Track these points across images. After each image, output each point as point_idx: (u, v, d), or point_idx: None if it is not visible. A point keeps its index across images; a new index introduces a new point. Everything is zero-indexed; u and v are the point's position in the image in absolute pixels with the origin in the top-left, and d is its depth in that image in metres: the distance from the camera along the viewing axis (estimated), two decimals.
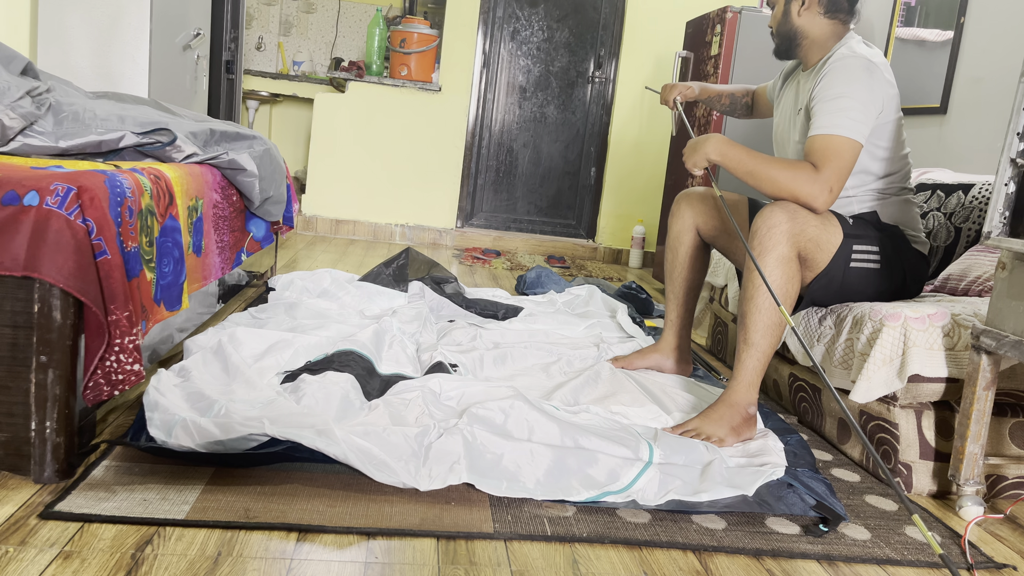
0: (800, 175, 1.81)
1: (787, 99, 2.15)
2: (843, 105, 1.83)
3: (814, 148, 1.84)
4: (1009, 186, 1.49)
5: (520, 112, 5.04)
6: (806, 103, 1.96)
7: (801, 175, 1.81)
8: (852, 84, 1.85)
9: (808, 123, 1.95)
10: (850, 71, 1.86)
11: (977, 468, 1.60)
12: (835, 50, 1.96)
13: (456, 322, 2.65)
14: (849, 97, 1.83)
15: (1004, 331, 1.52)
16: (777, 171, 1.83)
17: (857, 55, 1.90)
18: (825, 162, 1.81)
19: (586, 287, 3.27)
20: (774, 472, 1.62)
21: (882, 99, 1.88)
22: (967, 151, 3.09)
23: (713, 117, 3.60)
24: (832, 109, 1.84)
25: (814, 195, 1.81)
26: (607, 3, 4.95)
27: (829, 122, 1.83)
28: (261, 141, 2.26)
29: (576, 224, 5.20)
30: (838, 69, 1.88)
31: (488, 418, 1.65)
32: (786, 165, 1.84)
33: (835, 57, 1.92)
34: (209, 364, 1.89)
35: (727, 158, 1.89)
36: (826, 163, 1.81)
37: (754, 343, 1.82)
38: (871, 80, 1.86)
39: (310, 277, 2.82)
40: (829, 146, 1.82)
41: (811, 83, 1.96)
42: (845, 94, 1.84)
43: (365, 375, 1.92)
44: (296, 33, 6.23)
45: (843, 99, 1.83)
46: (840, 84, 1.85)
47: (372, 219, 4.84)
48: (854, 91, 1.84)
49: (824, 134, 1.83)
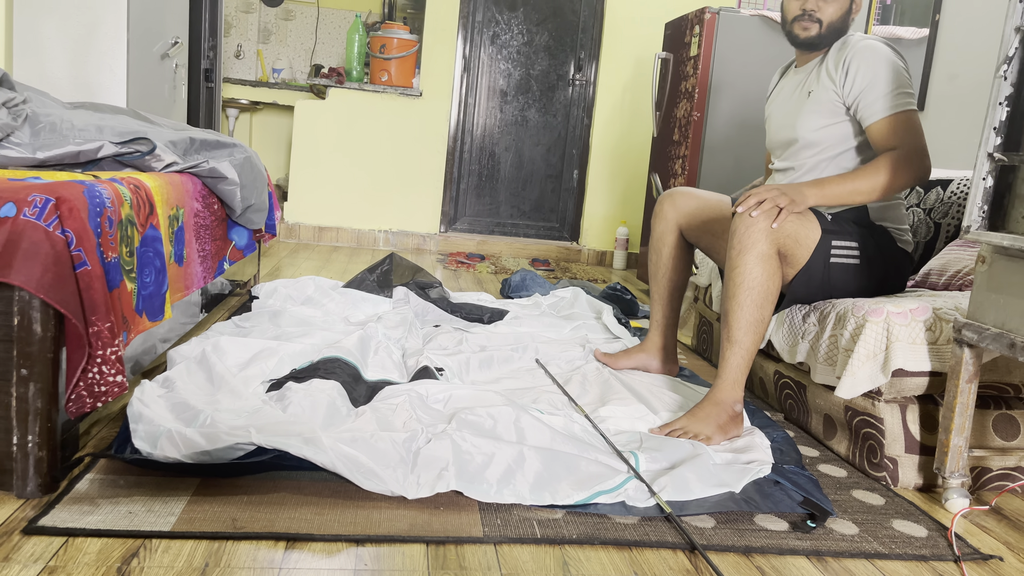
0: (892, 165, 1.87)
1: (785, 92, 2.17)
2: (894, 86, 1.90)
3: (883, 134, 1.91)
4: (987, 180, 1.51)
5: (502, 116, 5.05)
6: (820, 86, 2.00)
7: (893, 164, 1.87)
8: (888, 66, 1.92)
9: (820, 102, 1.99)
10: (881, 53, 1.93)
11: (962, 461, 1.61)
12: (846, 39, 2.01)
13: (441, 327, 2.64)
14: (895, 77, 1.91)
15: (985, 324, 1.53)
16: (873, 176, 1.87)
17: (873, 38, 1.97)
18: (902, 139, 1.88)
19: (571, 289, 3.27)
20: (761, 469, 1.62)
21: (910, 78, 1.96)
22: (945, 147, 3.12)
23: (694, 118, 3.62)
24: (884, 92, 1.90)
25: (901, 173, 1.87)
26: (586, 6, 4.97)
27: (886, 104, 1.90)
28: (242, 149, 2.25)
29: (560, 227, 5.21)
30: (867, 54, 1.93)
31: (477, 423, 1.64)
32: (875, 169, 1.88)
33: (853, 41, 1.97)
34: (193, 374, 1.88)
35: (825, 198, 1.89)
36: (900, 139, 1.88)
37: (737, 340, 1.83)
38: (897, 56, 1.95)
39: (294, 285, 2.81)
40: (899, 123, 1.89)
41: (822, 68, 2.01)
42: (890, 76, 1.91)
43: (351, 382, 1.91)
44: (275, 40, 6.20)
45: (891, 80, 1.91)
46: (878, 67, 1.92)
47: (355, 225, 4.83)
48: (893, 70, 1.92)
49: (888, 116, 1.90)
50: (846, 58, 1.95)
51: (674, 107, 3.89)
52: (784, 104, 2.14)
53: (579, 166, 5.12)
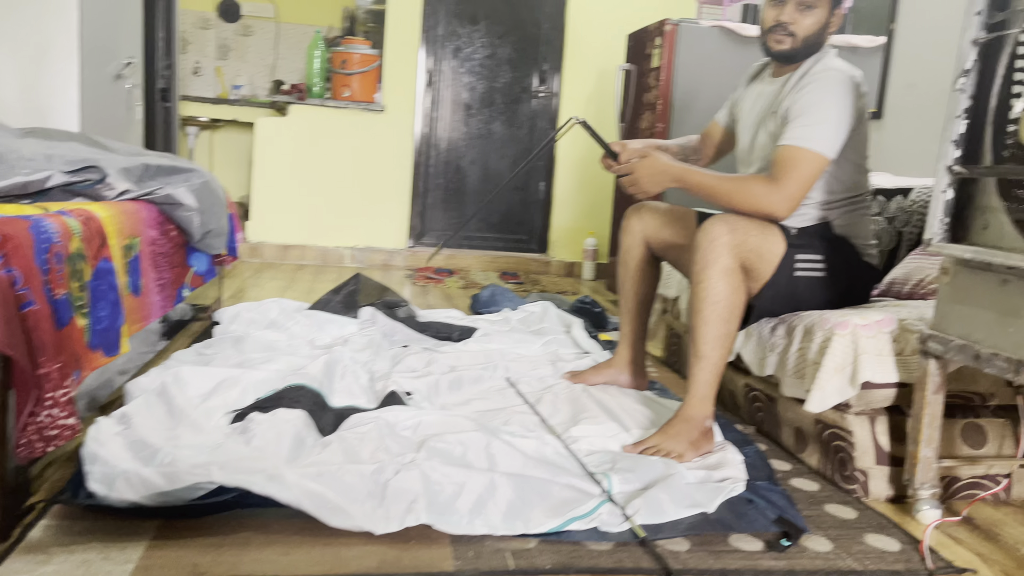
0: (756, 188, 1.83)
1: (748, 103, 2.15)
2: (821, 118, 1.84)
3: (780, 157, 1.85)
4: (947, 193, 1.52)
5: (466, 129, 5.03)
6: (777, 109, 1.96)
7: (757, 188, 1.83)
8: (830, 98, 1.86)
9: (779, 129, 1.94)
10: (831, 85, 1.87)
11: (932, 472, 1.61)
12: (817, 60, 1.97)
13: (410, 347, 2.61)
14: (826, 111, 1.85)
15: (950, 335, 1.54)
16: (733, 186, 1.84)
17: (839, 69, 1.91)
18: (787, 173, 1.83)
19: (540, 303, 3.26)
20: (734, 487, 1.61)
21: (860, 114, 1.91)
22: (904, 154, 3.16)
23: (657, 129, 3.63)
24: (807, 122, 1.85)
25: (774, 206, 1.83)
26: (547, 19, 4.97)
27: (801, 134, 1.84)
28: (199, 174, 2.20)
29: (528, 239, 5.20)
30: (821, 80, 1.88)
31: (446, 451, 1.61)
32: (742, 181, 1.85)
33: (817, 69, 1.92)
34: (152, 408, 1.82)
35: (684, 182, 1.88)
36: (788, 174, 1.83)
37: (705, 355, 1.83)
38: (849, 95, 1.88)
39: (257, 308, 2.75)
40: (795, 157, 1.83)
41: (786, 91, 1.96)
42: (822, 108, 1.85)
43: (317, 410, 1.87)
44: (234, 57, 6.13)
45: (819, 112, 1.85)
46: (820, 95, 1.86)
47: (320, 243, 4.77)
48: (832, 105, 1.85)
49: (793, 145, 1.84)
50: (805, 80, 1.91)
51: (638, 119, 3.90)
52: (752, 114, 2.11)
53: (545, 178, 5.12)
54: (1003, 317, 1.42)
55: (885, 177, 2.63)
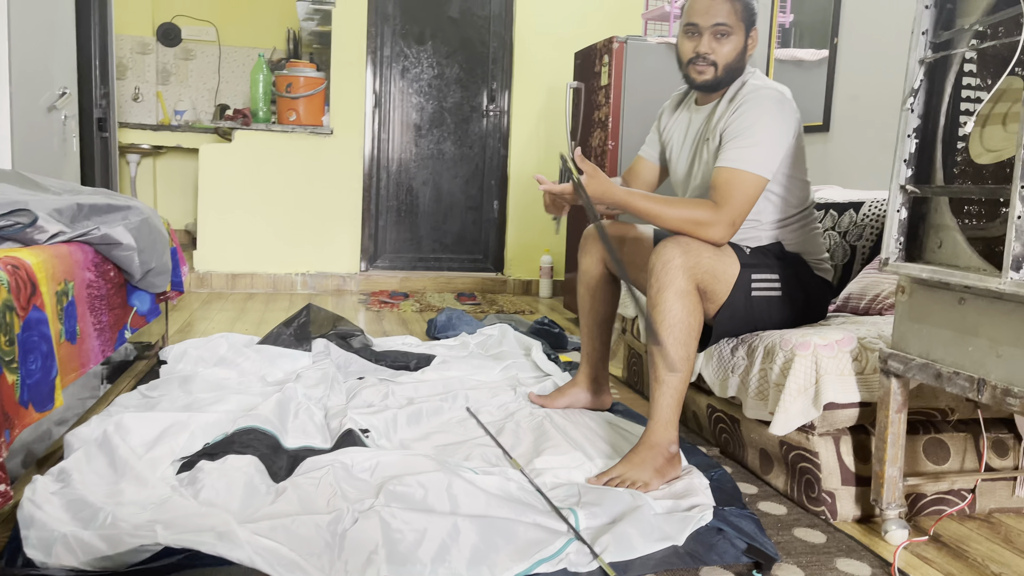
0: (698, 213, 1.82)
1: (678, 132, 2.15)
2: (755, 140, 1.84)
3: (719, 181, 1.84)
4: (901, 212, 1.52)
5: (417, 150, 4.97)
6: (711, 135, 1.96)
7: (699, 213, 1.82)
8: (765, 118, 1.85)
9: (715, 152, 1.94)
10: (764, 104, 1.87)
11: (898, 491, 1.60)
12: (746, 79, 1.97)
13: (366, 379, 2.53)
14: (762, 131, 1.84)
15: (910, 354, 1.53)
16: (674, 210, 1.82)
17: (768, 87, 1.92)
18: (727, 196, 1.82)
19: (498, 326, 3.21)
20: (702, 516, 1.58)
21: (794, 131, 1.91)
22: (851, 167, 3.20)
23: (608, 147, 3.63)
24: (742, 144, 1.84)
25: (714, 230, 1.82)
26: (495, 37, 4.96)
27: (738, 156, 1.84)
28: (137, 211, 2.11)
29: (483, 258, 5.15)
30: (752, 101, 1.88)
31: (407, 495, 1.55)
32: (685, 204, 1.84)
33: (747, 90, 1.92)
34: (93, 460, 1.72)
35: (626, 205, 1.86)
36: (728, 197, 1.82)
37: (665, 380, 1.80)
38: (783, 112, 1.88)
39: (205, 345, 2.65)
40: (733, 180, 1.83)
41: (718, 115, 1.96)
42: (757, 129, 1.84)
43: (270, 453, 1.79)
44: (176, 81, 6.00)
45: (756, 134, 1.84)
46: (753, 116, 1.86)
47: (271, 270, 4.66)
48: (765, 124, 1.85)
49: (730, 167, 1.84)
50: (738, 102, 1.91)
51: (589, 136, 3.89)
52: (683, 145, 2.12)
53: (499, 196, 5.09)
54: (962, 336, 1.42)
55: (835, 190, 2.65)
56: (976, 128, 1.43)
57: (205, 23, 5.99)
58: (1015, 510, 1.78)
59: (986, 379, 1.36)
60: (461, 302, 4.48)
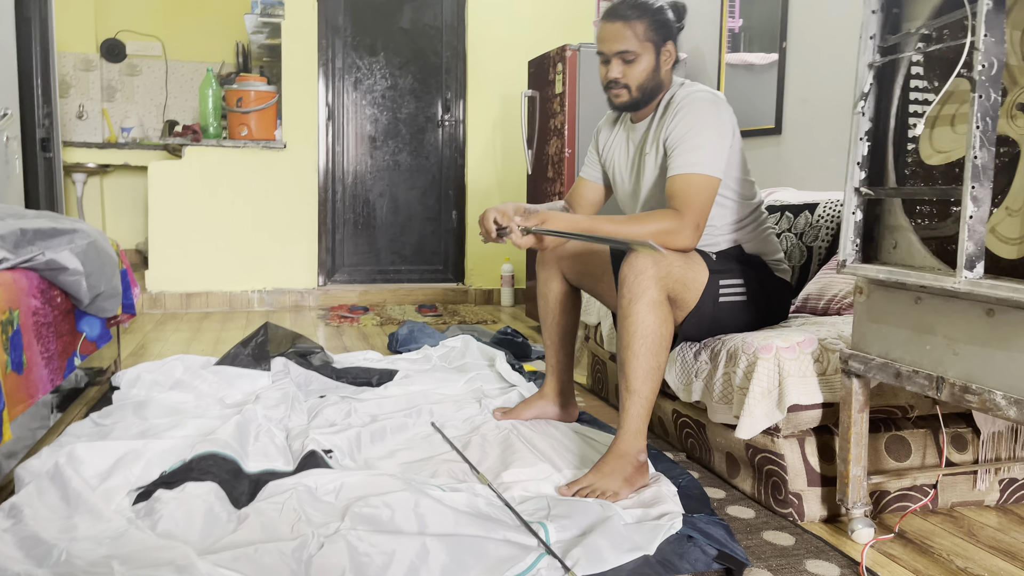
0: (663, 223, 1.82)
1: (618, 151, 2.16)
2: (699, 142, 1.86)
3: (675, 189, 1.86)
4: (856, 214, 1.54)
5: (372, 162, 4.93)
6: (658, 147, 1.98)
7: (664, 223, 1.82)
8: (703, 120, 1.88)
9: (660, 164, 1.97)
10: (700, 106, 1.90)
11: (863, 490, 1.62)
12: (675, 91, 2.00)
13: (327, 397, 2.49)
14: (702, 133, 1.87)
15: (870, 354, 1.55)
16: (641, 227, 1.82)
17: (700, 90, 1.95)
18: (686, 201, 1.84)
19: (461, 338, 3.18)
20: (672, 524, 1.58)
21: (731, 128, 1.93)
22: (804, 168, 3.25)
23: (565, 155, 3.63)
24: (688, 148, 1.87)
25: (681, 237, 1.83)
26: (447, 47, 4.94)
27: (687, 161, 1.86)
28: (83, 234, 2.04)
29: (443, 269, 5.12)
30: (687, 106, 1.91)
31: (373, 516, 1.52)
32: (647, 218, 1.84)
33: (679, 97, 1.95)
34: (45, 494, 1.66)
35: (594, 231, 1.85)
36: (687, 202, 1.83)
37: (636, 390, 1.80)
38: (719, 112, 1.91)
39: (159, 368, 2.58)
40: (688, 185, 1.85)
41: (655, 127, 1.98)
42: (698, 131, 1.87)
43: (230, 479, 1.75)
44: (121, 98, 5.87)
45: (698, 136, 1.87)
46: (691, 121, 1.88)
47: (226, 288, 4.57)
48: (706, 126, 1.88)
49: (682, 174, 1.86)
50: (673, 110, 1.94)
51: (546, 144, 3.90)
52: (624, 162, 2.14)
53: (457, 206, 5.07)
54: (919, 335, 1.44)
55: (790, 192, 2.68)
56: (925, 130, 1.46)
57: (151, 38, 5.87)
58: (976, 503, 1.81)
59: (944, 377, 1.38)
60: (422, 314, 4.44)
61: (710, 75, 3.92)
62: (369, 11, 4.80)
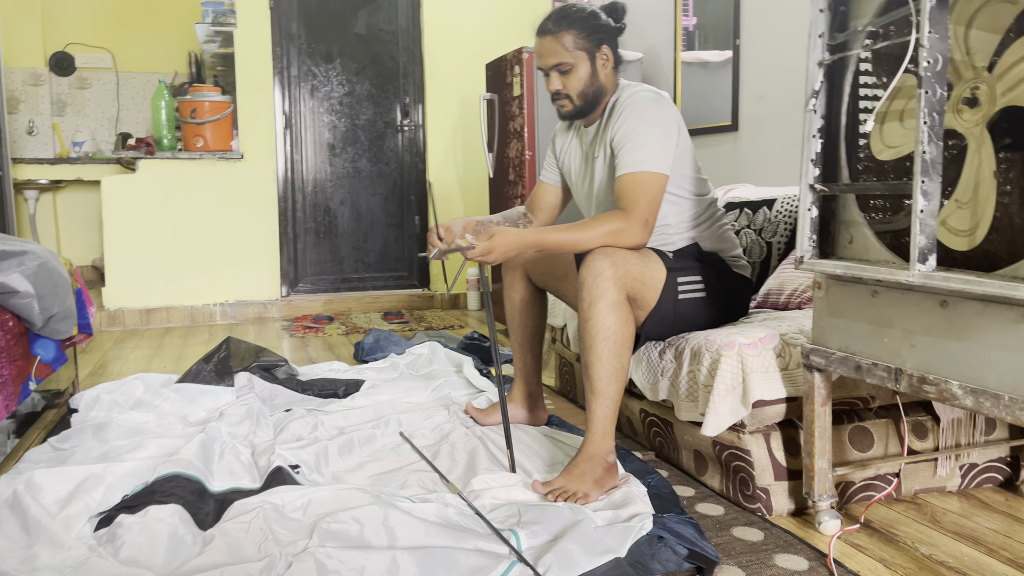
0: (612, 224, 1.83)
1: (573, 155, 2.19)
2: (643, 140, 1.89)
3: (623, 188, 1.88)
4: (812, 211, 1.55)
5: (332, 169, 4.89)
6: (606, 149, 2.00)
7: (613, 224, 1.84)
8: (646, 117, 1.91)
9: (606, 165, 2.01)
10: (642, 106, 1.93)
11: (828, 482, 1.64)
12: (619, 93, 2.02)
13: (293, 410, 2.46)
14: (647, 131, 1.90)
15: (830, 348, 1.57)
16: (590, 231, 1.84)
17: (644, 90, 1.98)
18: (634, 199, 1.86)
19: (427, 344, 3.17)
20: (643, 526, 1.58)
21: (676, 125, 1.95)
22: (760, 164, 3.29)
23: (526, 157, 3.63)
24: (631, 147, 1.89)
25: (631, 235, 1.84)
26: (404, 52, 4.92)
27: (632, 159, 1.88)
28: (33, 255, 1.99)
29: (408, 275, 5.09)
30: (630, 106, 1.94)
31: (342, 532, 1.50)
32: (596, 221, 1.85)
33: (624, 97, 1.98)
34: (4, 524, 1.62)
35: (530, 246, 1.86)
36: (635, 200, 1.85)
37: (601, 391, 1.80)
38: (662, 110, 1.94)
39: (119, 388, 2.52)
40: (636, 182, 1.87)
41: (606, 130, 2.00)
42: (643, 130, 1.90)
43: (195, 500, 1.71)
44: (72, 112, 5.74)
45: (642, 134, 1.89)
46: (634, 120, 1.91)
47: (187, 302, 4.49)
48: (650, 124, 1.90)
49: (630, 172, 1.88)
50: (618, 111, 1.96)
51: (506, 147, 3.89)
52: (577, 165, 2.17)
53: (420, 211, 5.04)
54: (877, 328, 1.46)
55: (748, 189, 2.71)
56: (876, 125, 1.48)
57: (100, 50, 5.75)
58: (938, 489, 1.84)
59: (903, 369, 1.40)
60: (388, 321, 4.41)
61: (666, 74, 3.95)
62: (323, 17, 4.76)
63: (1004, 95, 1.27)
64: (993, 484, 1.89)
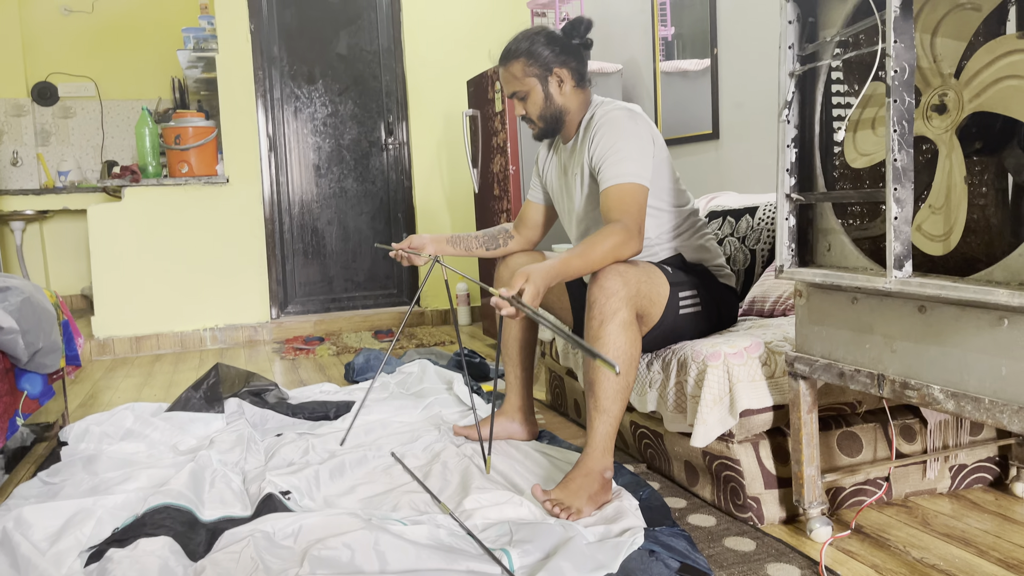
0: (610, 239, 1.82)
1: (553, 173, 2.22)
2: (621, 156, 1.91)
3: (611, 200, 1.89)
4: (789, 220, 1.57)
5: (318, 190, 4.89)
6: (582, 167, 2.03)
7: (611, 238, 1.82)
8: (622, 132, 1.93)
9: (587, 183, 2.03)
10: (616, 122, 1.95)
11: (818, 489, 1.64)
12: (593, 111, 2.05)
13: (284, 435, 2.45)
14: (624, 145, 1.92)
15: (814, 356, 1.58)
16: (594, 250, 1.80)
17: (617, 107, 2.01)
18: (626, 209, 1.87)
19: (417, 363, 3.17)
20: (634, 540, 1.58)
21: (651, 137, 1.97)
22: (742, 172, 3.31)
23: (510, 172, 3.64)
24: (612, 161, 1.91)
25: (629, 245, 1.84)
26: (386, 71, 4.94)
27: (613, 173, 1.90)
28: (17, 291, 1.98)
29: (398, 292, 5.09)
30: (605, 124, 1.96)
31: (332, 558, 1.50)
32: (595, 240, 1.83)
33: (598, 116, 2.01)
34: None
35: (557, 277, 1.78)
36: (627, 210, 1.87)
37: (605, 409, 1.81)
38: (636, 124, 1.96)
39: (108, 419, 2.51)
40: (623, 193, 1.88)
41: (582, 147, 2.03)
42: (619, 144, 1.92)
43: (185, 531, 1.70)
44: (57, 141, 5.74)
45: (619, 150, 1.91)
46: (612, 136, 1.93)
47: (177, 328, 4.48)
48: (626, 138, 1.92)
49: (612, 186, 1.90)
50: (593, 129, 1.99)
51: (490, 162, 3.91)
52: (558, 183, 2.19)
53: (407, 228, 5.05)
54: (859, 334, 1.47)
55: (730, 197, 2.72)
56: (849, 134, 1.49)
57: (83, 78, 5.76)
58: (929, 491, 1.85)
59: (885, 374, 1.41)
60: (379, 339, 4.41)
61: (646, 84, 3.97)
62: (304, 39, 4.77)
63: (971, 101, 1.28)
64: (983, 484, 1.89)
